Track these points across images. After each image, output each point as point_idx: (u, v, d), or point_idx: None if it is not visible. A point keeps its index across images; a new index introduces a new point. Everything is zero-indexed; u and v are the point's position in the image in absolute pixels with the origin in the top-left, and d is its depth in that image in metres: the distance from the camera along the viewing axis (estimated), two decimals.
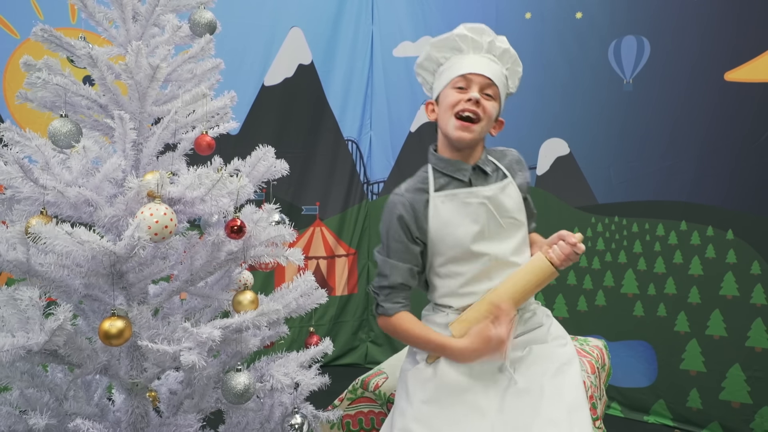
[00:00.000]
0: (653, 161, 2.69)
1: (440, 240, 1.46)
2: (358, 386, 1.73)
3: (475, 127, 1.44)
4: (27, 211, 1.22)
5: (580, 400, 1.34)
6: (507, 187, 1.49)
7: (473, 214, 1.45)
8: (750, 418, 2.47)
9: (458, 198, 1.46)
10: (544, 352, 1.45)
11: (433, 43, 1.54)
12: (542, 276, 1.39)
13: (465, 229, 1.45)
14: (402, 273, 1.47)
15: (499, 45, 1.51)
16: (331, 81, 3.43)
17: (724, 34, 2.50)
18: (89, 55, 1.25)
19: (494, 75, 1.48)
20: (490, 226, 1.46)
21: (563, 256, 1.36)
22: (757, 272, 2.46)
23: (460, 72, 1.46)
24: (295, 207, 3.38)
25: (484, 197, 1.46)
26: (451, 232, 1.45)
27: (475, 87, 1.45)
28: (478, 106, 1.43)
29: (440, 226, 1.46)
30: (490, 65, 1.48)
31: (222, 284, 1.47)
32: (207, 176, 1.22)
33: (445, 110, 1.47)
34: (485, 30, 1.51)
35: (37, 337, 1.07)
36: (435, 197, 1.47)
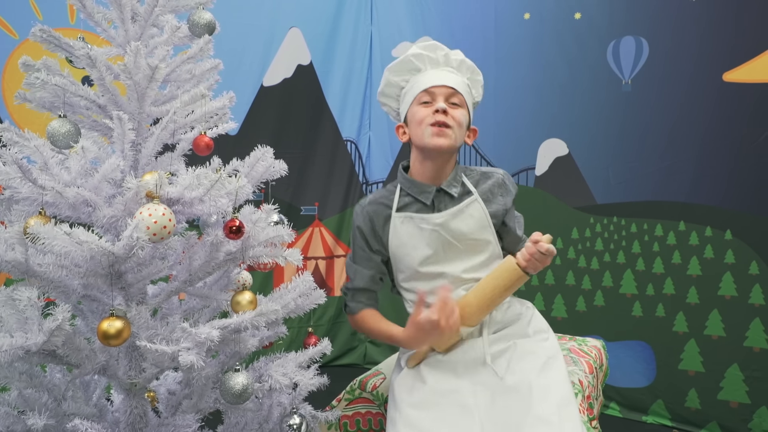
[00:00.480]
0: (652, 161, 2.69)
1: (398, 258, 1.54)
2: (356, 387, 1.73)
3: (449, 132, 1.45)
4: (25, 212, 1.22)
5: (568, 395, 1.34)
6: (466, 209, 1.49)
7: (427, 238, 1.50)
8: (748, 418, 2.47)
9: (414, 222, 1.51)
10: (528, 347, 1.44)
11: (389, 69, 1.57)
12: (508, 277, 1.38)
13: (419, 252, 1.50)
14: (364, 278, 1.59)
15: (455, 57, 1.54)
16: (330, 81, 3.43)
17: (723, 35, 2.51)
18: (88, 56, 1.25)
19: (456, 84, 1.49)
20: (445, 250, 1.50)
21: (528, 256, 1.35)
22: (756, 272, 2.47)
23: (423, 87, 1.49)
24: (294, 207, 3.38)
25: (435, 224, 1.49)
26: (407, 253, 1.52)
27: (440, 98, 1.47)
28: (447, 115, 1.45)
29: (398, 245, 1.53)
30: (450, 76, 1.50)
31: (221, 284, 1.47)
32: (206, 177, 1.22)
33: (416, 126, 1.49)
34: (438, 45, 1.54)
35: (35, 338, 1.07)
36: (395, 217, 1.53)
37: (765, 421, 2.44)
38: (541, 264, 1.35)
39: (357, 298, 1.61)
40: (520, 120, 3.02)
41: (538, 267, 1.36)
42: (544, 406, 1.28)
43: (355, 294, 1.61)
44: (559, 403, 1.30)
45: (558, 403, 1.30)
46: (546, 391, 1.32)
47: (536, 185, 2.96)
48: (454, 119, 1.46)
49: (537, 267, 1.36)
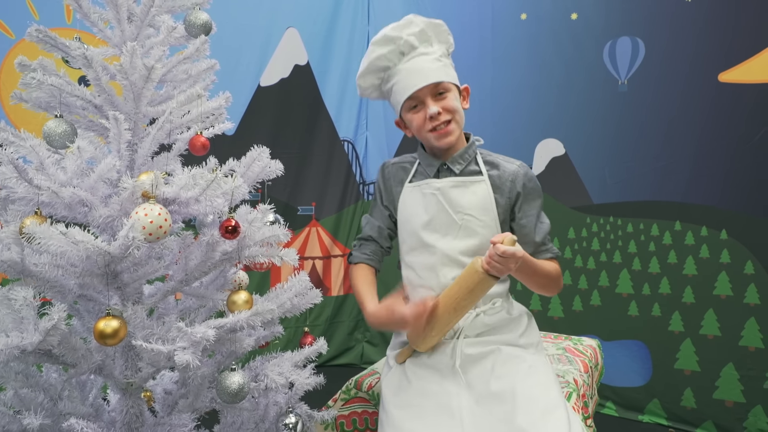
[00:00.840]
0: (648, 162, 2.70)
1: (402, 225, 1.58)
2: (352, 386, 1.73)
3: (452, 126, 1.47)
4: (21, 212, 1.22)
5: (554, 400, 1.29)
6: (471, 185, 1.49)
7: (426, 204, 1.51)
8: (743, 417, 2.48)
9: (419, 189, 1.54)
10: (514, 353, 1.42)
11: (359, 77, 1.56)
12: (470, 279, 1.34)
13: (418, 218, 1.52)
14: (373, 227, 1.64)
15: (411, 33, 1.48)
16: (327, 81, 3.43)
17: (718, 36, 2.52)
18: (84, 56, 1.25)
19: (433, 75, 1.45)
20: (440, 217, 1.49)
21: (491, 261, 1.29)
22: (751, 272, 2.48)
23: (405, 95, 1.47)
24: (291, 207, 3.38)
25: (435, 188, 1.51)
26: (409, 219, 1.54)
27: (427, 99, 1.46)
28: (440, 114, 1.45)
29: (403, 212, 1.56)
30: (422, 67, 1.46)
31: (217, 284, 1.47)
32: (202, 177, 1.22)
33: (417, 132, 1.51)
34: (391, 36, 1.48)
35: (31, 337, 1.08)
36: (407, 186, 1.57)
37: (760, 420, 2.45)
38: (503, 267, 1.28)
39: (362, 248, 1.64)
40: (517, 120, 3.03)
41: (501, 270, 1.29)
42: (527, 416, 1.24)
43: (362, 244, 1.65)
44: (543, 411, 1.25)
45: (542, 411, 1.25)
46: (530, 400, 1.28)
47: None
48: (448, 110, 1.46)
49: (500, 270, 1.29)
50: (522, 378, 1.34)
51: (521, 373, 1.35)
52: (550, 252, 1.53)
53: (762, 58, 2.43)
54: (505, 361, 1.39)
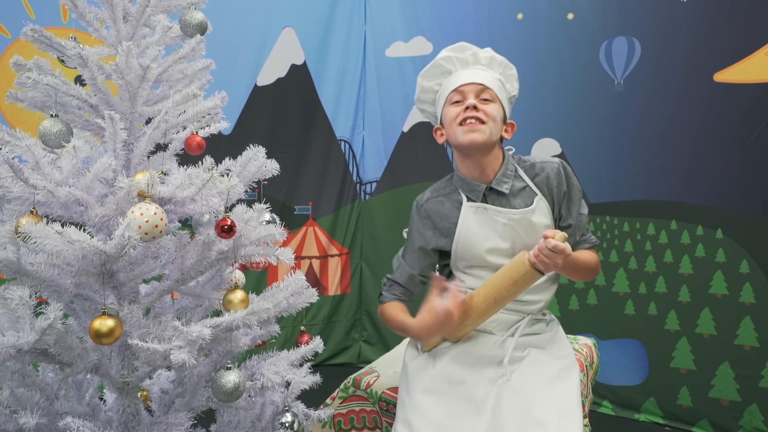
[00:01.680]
0: (644, 161, 2.71)
1: (465, 247, 1.52)
2: (350, 385, 1.73)
3: (482, 127, 1.44)
4: (17, 211, 1.22)
5: (573, 406, 1.33)
6: (537, 207, 1.49)
7: (500, 231, 1.48)
8: (739, 416, 2.49)
9: (488, 213, 1.49)
10: (541, 358, 1.45)
11: (422, 75, 1.57)
12: (516, 272, 1.37)
13: (489, 243, 1.49)
14: (404, 275, 1.59)
15: (484, 55, 1.53)
16: (323, 81, 3.43)
17: (714, 36, 2.52)
18: (80, 56, 1.25)
19: (485, 80, 1.48)
20: (516, 245, 1.48)
21: (537, 252, 1.32)
22: (746, 271, 2.49)
23: (452, 87, 1.49)
24: (287, 207, 3.38)
25: (510, 219, 1.48)
26: (476, 242, 1.50)
27: (470, 95, 1.47)
28: (478, 110, 1.44)
29: (468, 233, 1.50)
30: (479, 73, 1.50)
31: (213, 283, 1.47)
32: (197, 176, 1.23)
33: (449, 125, 1.50)
34: (466, 46, 1.54)
35: (27, 336, 1.08)
36: (467, 206, 1.51)
37: (755, 418, 2.46)
38: (551, 262, 1.30)
39: (392, 290, 1.61)
40: (514, 120, 3.03)
41: (548, 265, 1.31)
42: (544, 410, 1.28)
43: (392, 286, 1.61)
44: (560, 411, 1.29)
45: (559, 411, 1.29)
46: (550, 398, 1.32)
47: None
48: (486, 113, 1.45)
49: (547, 265, 1.31)
50: (546, 379, 1.38)
51: (546, 374, 1.39)
52: (588, 242, 1.56)
53: (757, 58, 2.44)
54: (532, 363, 1.43)
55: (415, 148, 3.34)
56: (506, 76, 1.56)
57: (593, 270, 1.55)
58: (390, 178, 3.45)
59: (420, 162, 3.29)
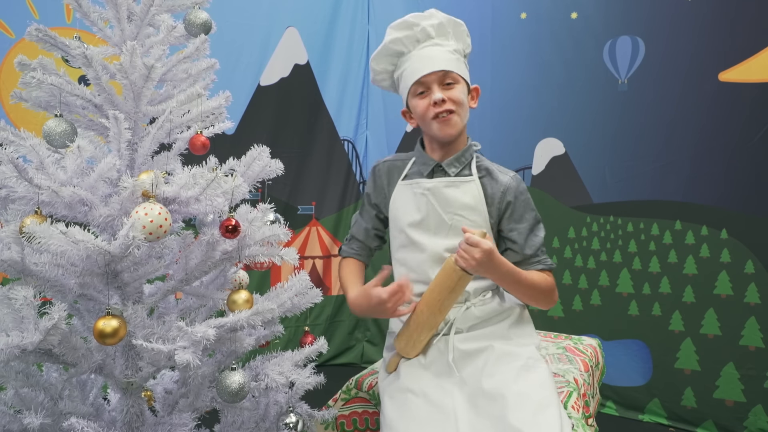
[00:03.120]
0: (648, 161, 2.70)
1: (392, 223, 1.59)
2: (352, 386, 1.73)
3: (454, 117, 1.46)
4: (21, 211, 1.22)
5: (547, 399, 1.28)
6: (461, 185, 1.50)
7: (417, 203, 1.52)
8: (744, 417, 2.48)
9: (411, 188, 1.55)
10: (506, 349, 1.42)
11: (373, 59, 1.58)
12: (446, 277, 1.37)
13: (408, 217, 1.53)
14: (359, 228, 1.69)
15: (430, 24, 1.49)
16: (327, 81, 3.43)
17: (718, 35, 2.51)
18: (84, 55, 1.25)
19: (444, 63, 1.46)
20: (431, 216, 1.50)
21: (459, 251, 1.34)
22: (751, 271, 2.48)
23: (413, 79, 1.48)
24: (291, 207, 3.38)
25: (425, 188, 1.51)
26: (399, 217, 1.55)
27: (433, 86, 1.46)
28: (445, 102, 1.45)
29: (394, 211, 1.57)
30: (434, 55, 1.47)
31: (217, 284, 1.47)
32: (202, 176, 1.22)
33: (420, 119, 1.51)
34: (411, 21, 1.50)
35: (31, 337, 1.08)
36: (400, 184, 1.58)
37: (760, 419, 2.45)
38: (469, 256, 1.31)
39: (351, 245, 1.70)
40: (517, 119, 3.03)
41: (468, 260, 1.32)
42: (518, 414, 1.24)
43: (351, 240, 1.70)
44: (535, 410, 1.25)
45: (534, 410, 1.25)
46: (522, 398, 1.27)
47: (533, 185, 2.97)
48: (453, 101, 1.45)
49: (467, 260, 1.32)
50: (515, 376, 1.33)
51: (514, 371, 1.35)
52: (542, 264, 1.50)
53: (762, 57, 2.43)
54: (498, 359, 1.39)
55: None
56: (457, 35, 1.53)
57: (543, 292, 1.47)
58: None
59: None
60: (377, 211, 1.65)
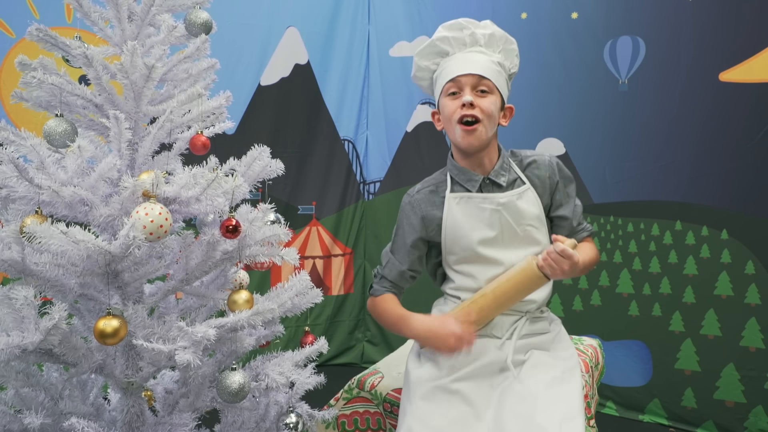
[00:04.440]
0: (648, 161, 2.70)
1: (453, 240, 1.50)
2: (354, 386, 1.73)
3: (479, 127, 1.42)
4: (22, 211, 1.22)
5: (575, 410, 1.31)
6: (524, 194, 1.48)
7: (487, 219, 1.46)
8: (744, 417, 2.48)
9: (473, 201, 1.48)
10: (544, 360, 1.44)
11: (418, 54, 1.54)
12: (525, 278, 1.37)
13: (478, 233, 1.46)
14: (393, 271, 1.57)
15: (482, 32, 1.49)
16: (327, 81, 3.43)
17: (719, 35, 2.51)
18: (84, 55, 1.25)
19: (482, 68, 1.44)
20: (505, 232, 1.47)
21: (547, 258, 1.32)
22: (752, 272, 2.48)
23: (449, 77, 1.45)
24: (291, 206, 3.38)
25: (498, 204, 1.46)
26: (464, 234, 1.48)
27: (466, 88, 1.43)
28: (474, 107, 1.41)
29: (454, 226, 1.49)
30: (476, 60, 1.46)
31: (218, 283, 1.47)
32: (202, 176, 1.22)
33: (447, 121, 1.47)
34: (463, 24, 1.49)
35: (32, 336, 1.08)
36: (450, 198, 1.50)
37: (761, 420, 2.45)
38: (558, 267, 1.30)
39: (383, 283, 1.59)
40: (517, 119, 2.99)
41: (555, 270, 1.31)
42: (546, 416, 1.27)
43: (383, 280, 1.59)
44: (563, 417, 1.28)
45: (562, 417, 1.28)
46: (552, 403, 1.31)
47: None
48: (483, 110, 1.42)
49: (554, 270, 1.31)
50: (548, 383, 1.36)
51: (548, 378, 1.38)
52: (585, 230, 1.57)
53: (763, 57, 2.43)
54: (534, 366, 1.41)
55: (418, 147, 3.34)
56: (506, 52, 1.52)
57: (595, 261, 1.56)
58: (393, 177, 3.44)
59: (424, 162, 3.29)
60: (418, 250, 1.56)
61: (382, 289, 1.58)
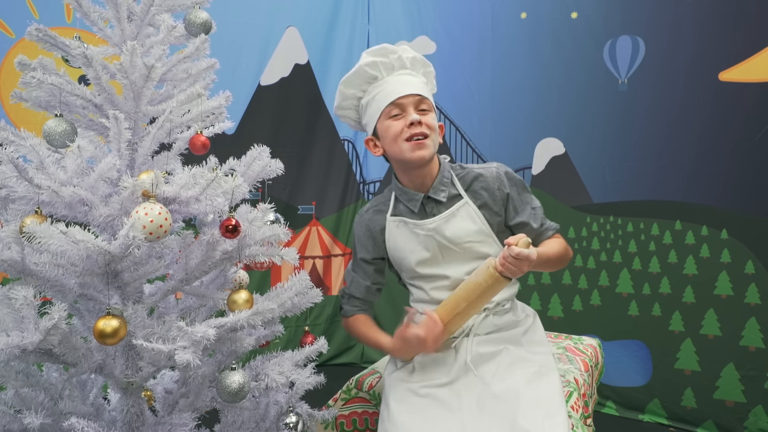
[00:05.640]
0: (648, 161, 2.70)
1: (396, 261, 1.57)
2: (352, 386, 1.73)
3: (428, 141, 1.45)
4: (22, 211, 1.22)
5: (557, 406, 1.31)
6: (458, 212, 1.49)
7: (423, 242, 1.51)
8: (744, 417, 2.48)
9: (408, 226, 1.52)
10: (520, 355, 1.44)
11: (343, 83, 1.54)
12: (484, 280, 1.36)
13: (415, 256, 1.52)
14: (360, 288, 1.63)
15: (407, 56, 1.51)
16: (327, 81, 3.43)
17: (719, 34, 2.51)
18: (84, 55, 1.25)
19: (421, 89, 1.48)
20: (443, 253, 1.50)
21: (504, 263, 1.32)
22: (751, 272, 2.48)
23: (389, 100, 1.46)
24: (291, 206, 3.38)
25: (428, 230, 1.49)
26: (404, 256, 1.54)
27: (410, 108, 1.45)
28: (422, 125, 1.44)
29: (395, 248, 1.55)
30: (411, 81, 1.49)
31: (217, 283, 1.47)
32: (202, 176, 1.22)
33: (392, 141, 1.47)
34: (388, 49, 1.51)
35: (31, 336, 1.07)
36: (390, 221, 1.56)
37: (761, 419, 2.45)
38: (517, 268, 1.31)
39: (352, 302, 1.64)
40: (517, 119, 3.02)
41: (515, 271, 1.32)
42: (528, 417, 1.27)
43: (351, 299, 1.65)
44: (545, 415, 1.28)
45: (544, 415, 1.28)
46: (533, 402, 1.30)
47: (533, 185, 2.97)
48: (429, 126, 1.45)
49: (514, 271, 1.32)
50: (527, 381, 1.36)
51: (526, 376, 1.37)
52: (550, 230, 1.58)
53: (762, 56, 2.43)
54: (511, 364, 1.42)
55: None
56: (427, 75, 1.56)
57: (564, 256, 1.55)
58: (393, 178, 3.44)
59: None
60: (375, 265, 1.62)
61: (353, 309, 1.64)
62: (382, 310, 3.41)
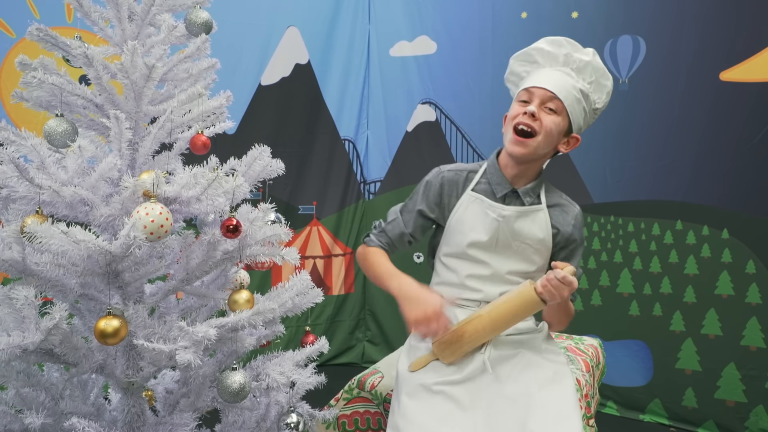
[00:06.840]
0: (649, 161, 2.70)
1: (452, 232, 1.51)
2: (354, 386, 1.73)
3: (530, 141, 1.40)
4: (23, 211, 1.22)
5: (569, 410, 1.32)
6: (532, 214, 1.47)
7: (487, 225, 1.46)
8: (745, 417, 2.48)
9: (482, 205, 1.48)
10: (535, 361, 1.43)
11: (514, 57, 1.54)
12: (522, 302, 1.36)
13: (474, 234, 1.47)
14: (396, 231, 1.56)
15: (579, 57, 1.46)
16: (327, 80, 3.43)
17: (720, 34, 2.51)
18: (85, 55, 1.25)
19: (559, 88, 1.41)
20: (499, 242, 1.46)
21: (545, 282, 1.30)
22: (752, 271, 2.48)
23: (525, 86, 1.45)
24: (291, 206, 3.38)
25: (500, 215, 1.45)
26: (461, 231, 1.49)
27: (536, 100, 1.41)
28: (534, 120, 1.40)
29: (458, 221, 1.50)
30: (557, 79, 1.43)
31: (218, 283, 1.47)
32: (203, 176, 1.22)
33: (507, 124, 1.47)
34: (563, 43, 1.47)
35: (32, 336, 1.08)
36: (468, 194, 1.50)
37: (761, 419, 2.45)
38: (557, 293, 1.29)
39: (381, 237, 1.57)
40: None
41: (554, 296, 1.30)
42: (539, 420, 1.27)
43: (382, 234, 1.58)
44: (556, 418, 1.28)
45: (555, 419, 1.28)
46: (544, 406, 1.30)
47: None
48: (543, 126, 1.40)
49: (553, 296, 1.30)
50: (540, 385, 1.36)
51: (540, 380, 1.37)
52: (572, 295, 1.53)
53: (763, 56, 2.42)
54: (525, 367, 1.41)
55: (419, 147, 3.34)
56: (597, 86, 1.49)
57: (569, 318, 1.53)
58: (394, 177, 3.44)
59: (424, 161, 3.29)
60: (425, 221, 1.55)
61: (377, 242, 1.57)
62: (382, 308, 3.42)
